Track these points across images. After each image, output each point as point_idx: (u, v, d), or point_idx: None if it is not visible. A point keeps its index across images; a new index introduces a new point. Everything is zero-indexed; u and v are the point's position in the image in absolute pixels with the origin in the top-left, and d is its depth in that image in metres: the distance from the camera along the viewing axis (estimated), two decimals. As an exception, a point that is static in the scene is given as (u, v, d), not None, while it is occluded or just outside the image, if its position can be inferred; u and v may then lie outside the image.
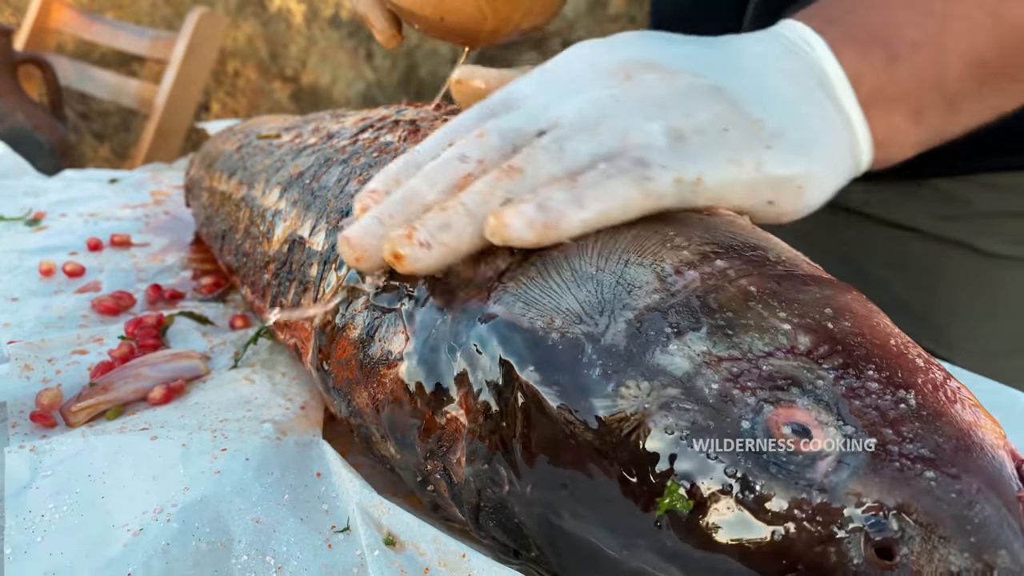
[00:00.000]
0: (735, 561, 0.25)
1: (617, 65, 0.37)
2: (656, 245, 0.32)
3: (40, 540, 0.33)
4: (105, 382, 0.44)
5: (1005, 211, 0.59)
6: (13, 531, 0.34)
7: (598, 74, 0.37)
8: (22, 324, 0.51)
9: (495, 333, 0.31)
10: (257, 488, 0.37)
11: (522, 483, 0.30)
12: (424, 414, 0.33)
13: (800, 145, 0.36)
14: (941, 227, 0.60)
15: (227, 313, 0.56)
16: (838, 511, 0.24)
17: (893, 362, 0.27)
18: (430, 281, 0.35)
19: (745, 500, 0.25)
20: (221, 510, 0.36)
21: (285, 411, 0.43)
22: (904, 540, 0.24)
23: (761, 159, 0.35)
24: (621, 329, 0.29)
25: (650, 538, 0.26)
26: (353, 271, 0.38)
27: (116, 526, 0.34)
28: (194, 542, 0.34)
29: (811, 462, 0.25)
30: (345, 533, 0.36)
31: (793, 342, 0.28)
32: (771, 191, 0.36)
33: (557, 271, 0.32)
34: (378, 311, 0.36)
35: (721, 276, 0.30)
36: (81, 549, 0.33)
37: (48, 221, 0.70)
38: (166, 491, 0.36)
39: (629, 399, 0.27)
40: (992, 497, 0.24)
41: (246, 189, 0.55)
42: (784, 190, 0.36)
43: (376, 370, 0.36)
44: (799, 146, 0.36)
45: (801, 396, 0.26)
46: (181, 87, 1.53)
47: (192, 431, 0.40)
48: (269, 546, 0.35)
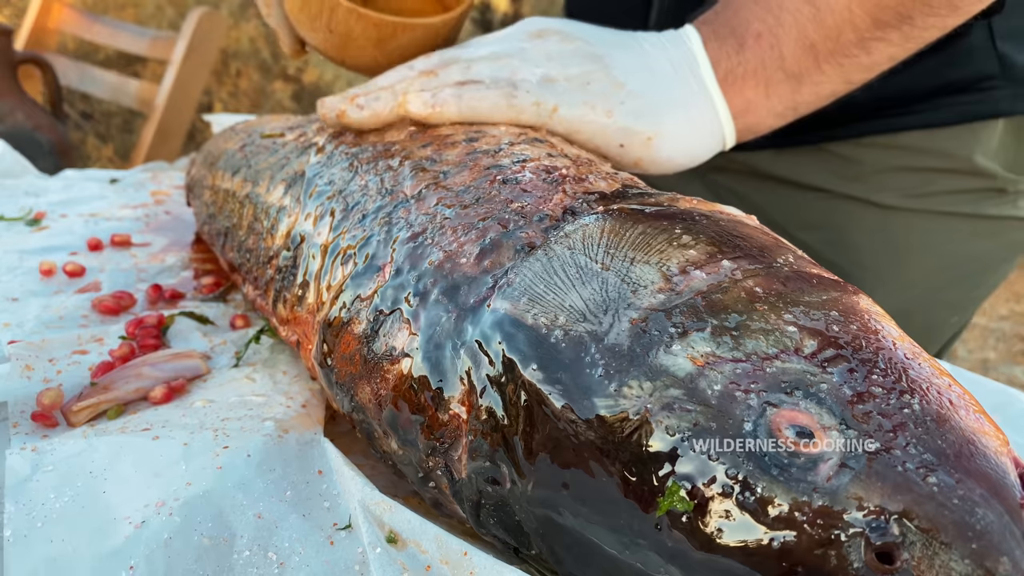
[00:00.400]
0: (735, 562, 0.25)
1: (537, 30, 0.52)
2: (662, 243, 0.32)
3: (40, 526, 0.33)
4: (106, 382, 0.44)
5: (893, 166, 0.66)
6: (13, 516, 0.33)
7: (522, 34, 0.52)
8: (23, 324, 0.51)
9: (498, 330, 0.31)
10: (259, 484, 0.37)
11: (523, 481, 0.30)
12: (427, 410, 0.33)
13: (653, 106, 0.49)
14: (843, 186, 0.68)
15: (228, 313, 0.56)
16: (839, 514, 0.24)
17: (898, 366, 0.27)
18: (435, 274, 0.35)
19: (746, 502, 0.25)
20: (223, 505, 0.36)
21: (287, 409, 0.43)
22: (905, 545, 0.24)
23: (612, 109, 0.48)
24: (625, 328, 0.29)
25: (650, 538, 0.26)
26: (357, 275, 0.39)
27: (117, 518, 0.34)
28: (196, 536, 0.34)
29: (813, 465, 0.25)
30: (347, 530, 0.36)
31: (798, 344, 0.28)
32: (620, 136, 0.49)
33: (562, 267, 0.32)
34: (383, 307, 0.37)
35: (727, 277, 0.30)
36: (82, 538, 0.33)
37: (48, 221, 0.70)
38: (168, 486, 0.36)
39: (631, 399, 0.27)
40: (994, 504, 0.24)
41: (250, 186, 0.56)
42: (633, 138, 0.49)
43: (379, 365, 0.36)
44: (652, 107, 0.49)
45: (804, 399, 0.26)
46: (181, 87, 1.53)
47: (194, 430, 0.40)
48: (271, 542, 0.35)
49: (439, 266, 0.36)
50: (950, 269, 0.69)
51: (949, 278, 0.69)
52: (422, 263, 0.36)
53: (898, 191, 0.66)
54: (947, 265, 0.69)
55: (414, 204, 0.40)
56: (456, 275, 0.35)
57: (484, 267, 0.34)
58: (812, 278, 0.31)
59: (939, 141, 0.65)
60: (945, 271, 0.69)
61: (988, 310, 2.28)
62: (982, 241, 0.68)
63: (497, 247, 0.35)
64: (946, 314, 0.71)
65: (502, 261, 0.34)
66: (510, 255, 0.34)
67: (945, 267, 0.68)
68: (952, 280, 0.69)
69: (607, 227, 0.33)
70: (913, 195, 0.66)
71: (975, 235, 0.67)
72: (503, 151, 0.43)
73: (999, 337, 2.15)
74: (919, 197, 0.66)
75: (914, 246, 0.68)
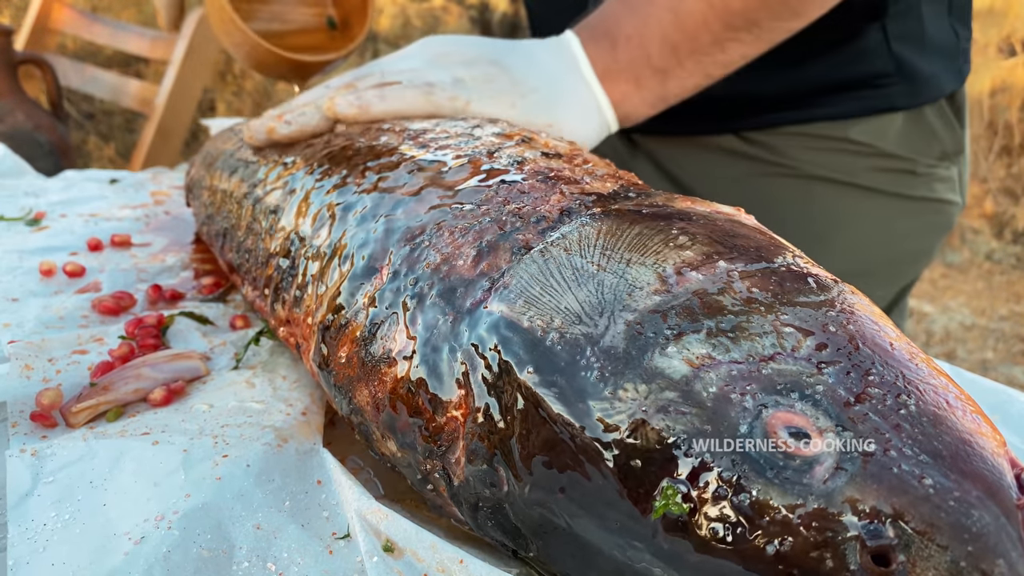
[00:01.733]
0: (731, 565, 0.25)
1: (439, 43, 0.60)
2: (659, 244, 0.32)
3: (43, 551, 0.33)
4: (105, 382, 0.44)
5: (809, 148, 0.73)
6: (16, 541, 0.33)
7: (426, 51, 0.59)
8: (22, 324, 0.51)
9: (495, 333, 0.31)
10: (258, 495, 0.37)
11: (520, 484, 0.30)
12: (424, 413, 0.33)
13: (548, 99, 0.57)
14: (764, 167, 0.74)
15: (227, 313, 0.56)
16: (835, 517, 0.24)
17: (894, 367, 0.27)
18: (432, 275, 0.35)
19: (741, 504, 0.25)
20: (222, 517, 0.36)
21: (286, 417, 0.43)
22: (901, 547, 0.24)
23: (515, 102, 0.56)
24: (620, 331, 0.29)
25: (646, 541, 0.26)
26: (354, 274, 0.39)
27: (117, 534, 0.34)
28: (195, 549, 0.34)
29: (808, 467, 0.25)
30: (346, 540, 0.36)
31: (794, 346, 0.28)
32: (524, 126, 0.53)
33: (559, 269, 0.32)
34: (380, 310, 0.37)
35: (723, 277, 0.30)
36: (83, 559, 0.33)
37: (48, 221, 0.70)
38: (167, 498, 0.36)
39: (627, 402, 0.27)
40: (991, 505, 0.24)
41: (248, 187, 0.56)
42: (536, 125, 0.55)
43: (377, 368, 0.36)
44: (548, 100, 0.57)
45: (800, 400, 0.26)
46: (181, 87, 1.53)
47: (193, 436, 0.40)
48: (270, 552, 0.35)
49: (436, 268, 0.36)
50: (875, 247, 0.74)
51: (874, 256, 0.75)
52: (419, 265, 0.36)
53: (820, 166, 0.73)
54: (872, 243, 0.74)
55: (411, 205, 0.40)
56: (453, 277, 0.35)
57: (481, 269, 0.34)
58: (809, 278, 0.31)
59: (846, 130, 0.72)
60: (870, 248, 0.74)
61: (988, 310, 2.28)
62: (904, 220, 0.74)
63: (494, 249, 0.35)
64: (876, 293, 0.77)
65: (499, 263, 0.34)
66: (507, 257, 0.34)
67: (870, 244, 0.74)
68: (877, 258, 0.75)
69: (603, 228, 0.33)
70: (834, 170, 0.72)
71: (899, 214, 0.74)
72: (500, 152, 0.43)
73: (999, 337, 2.15)
74: (841, 173, 0.72)
75: (838, 220, 0.73)
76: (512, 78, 0.56)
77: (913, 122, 0.72)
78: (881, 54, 0.69)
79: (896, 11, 0.68)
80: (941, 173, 0.74)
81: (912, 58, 0.70)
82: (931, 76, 0.71)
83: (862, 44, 0.69)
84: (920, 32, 0.70)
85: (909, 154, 0.72)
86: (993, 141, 2.77)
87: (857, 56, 0.69)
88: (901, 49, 0.69)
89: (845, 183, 0.72)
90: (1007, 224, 2.70)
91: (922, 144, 0.72)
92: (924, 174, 0.73)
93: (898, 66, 0.69)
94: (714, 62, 0.59)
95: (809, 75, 0.69)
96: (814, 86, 0.70)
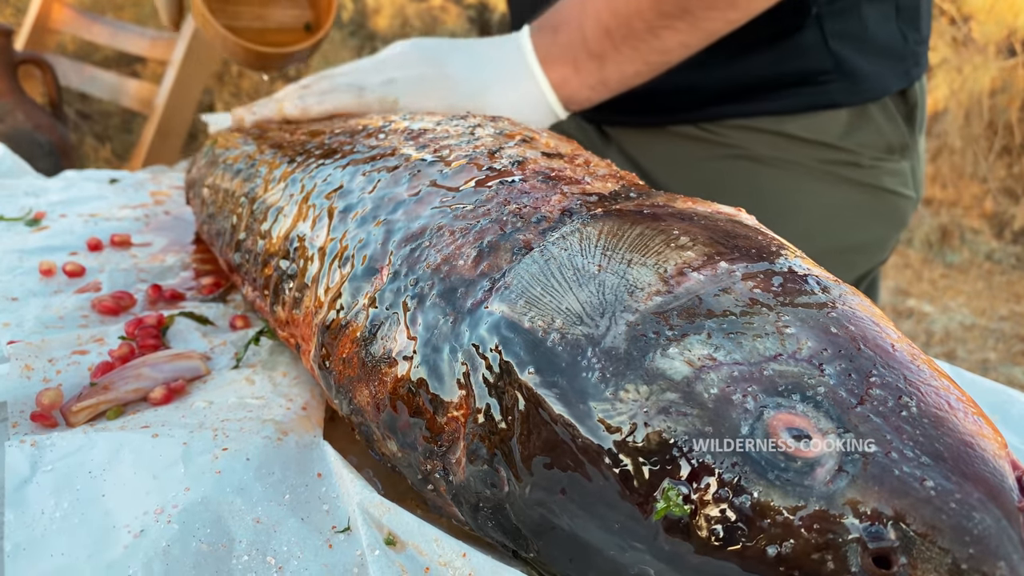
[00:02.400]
0: (732, 566, 0.25)
1: (399, 47, 0.66)
2: (660, 245, 0.32)
3: (41, 539, 0.33)
4: (105, 382, 0.44)
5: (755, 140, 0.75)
6: (13, 527, 0.33)
7: (387, 54, 0.66)
8: (22, 324, 0.51)
9: (496, 333, 0.31)
10: (258, 488, 0.37)
11: (521, 484, 0.30)
12: (425, 413, 0.33)
13: (479, 86, 0.63)
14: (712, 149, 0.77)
15: (227, 313, 0.56)
16: (836, 518, 0.24)
17: (896, 369, 0.27)
18: (434, 275, 0.35)
19: (742, 506, 0.25)
20: (222, 511, 0.36)
21: (286, 411, 0.43)
22: (902, 549, 0.24)
23: (445, 95, 0.62)
24: (622, 331, 0.29)
25: (647, 542, 0.26)
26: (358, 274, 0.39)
27: (117, 527, 0.34)
28: (195, 543, 0.34)
29: (810, 468, 0.25)
30: (346, 533, 0.36)
31: (795, 346, 0.27)
32: (463, 109, 0.60)
33: (560, 270, 0.32)
34: (381, 310, 0.37)
35: (725, 278, 0.30)
36: (82, 549, 0.33)
37: (48, 221, 0.70)
38: (167, 491, 0.36)
39: (628, 403, 0.27)
40: (992, 508, 0.24)
41: (248, 186, 0.56)
42: (475, 109, 0.61)
43: (378, 368, 0.36)
44: (479, 86, 0.63)
45: (801, 401, 0.26)
46: (181, 87, 1.53)
47: (193, 430, 0.40)
48: (270, 546, 0.35)
49: (436, 268, 0.36)
50: (822, 234, 0.76)
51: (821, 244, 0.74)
52: (420, 265, 0.36)
53: (766, 153, 0.75)
54: (819, 230, 0.76)
55: (412, 206, 0.40)
56: (453, 277, 0.35)
57: (481, 270, 0.34)
58: (811, 279, 0.31)
59: (788, 125, 0.74)
60: (817, 235, 0.75)
61: (988, 310, 2.28)
62: (851, 210, 0.76)
63: (494, 249, 0.35)
64: None
65: (499, 264, 0.34)
66: (507, 257, 0.34)
67: (817, 231, 0.76)
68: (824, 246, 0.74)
69: (604, 229, 0.33)
70: (780, 158, 0.75)
71: (845, 203, 0.76)
72: (500, 152, 0.43)
73: (999, 337, 2.15)
74: (786, 160, 0.75)
75: (785, 205, 0.75)
76: (445, 73, 0.63)
77: (857, 117, 0.74)
78: (819, 51, 0.71)
79: (832, 10, 0.70)
80: (890, 166, 0.75)
81: (852, 57, 0.72)
82: (873, 75, 0.73)
83: (800, 41, 0.71)
84: (861, 32, 0.72)
85: (853, 147, 0.74)
86: (993, 141, 2.77)
87: (795, 52, 0.71)
88: (840, 47, 0.71)
89: (790, 169, 0.75)
90: (1007, 224, 2.70)
91: (865, 138, 0.74)
92: (870, 166, 0.75)
93: (837, 63, 0.71)
94: (651, 49, 0.61)
95: (749, 70, 0.72)
96: (754, 81, 0.73)
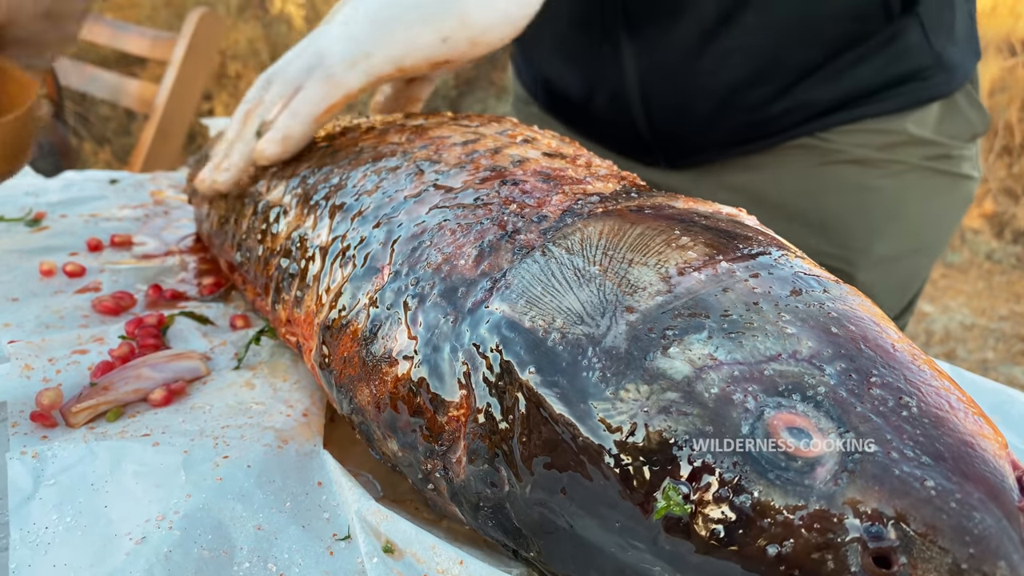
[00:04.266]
0: (732, 566, 0.25)
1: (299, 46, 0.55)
2: (660, 245, 0.32)
3: (45, 553, 0.33)
4: (105, 382, 0.44)
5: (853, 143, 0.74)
6: (18, 545, 0.34)
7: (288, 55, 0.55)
8: (22, 324, 0.51)
9: (496, 333, 0.31)
10: (259, 495, 0.37)
11: (521, 484, 0.30)
12: (425, 413, 0.33)
13: None
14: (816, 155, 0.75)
15: (228, 313, 0.56)
16: (836, 518, 0.24)
17: (896, 369, 0.27)
18: (435, 276, 0.35)
19: (743, 505, 0.25)
20: (223, 517, 0.36)
21: (287, 418, 0.43)
22: (902, 549, 0.24)
23: None
24: (622, 331, 0.29)
25: (648, 541, 0.26)
26: (355, 274, 0.39)
27: (119, 535, 0.34)
28: (196, 549, 0.34)
29: (810, 468, 0.25)
30: (346, 541, 0.36)
31: (796, 346, 0.28)
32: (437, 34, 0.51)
33: (560, 269, 0.32)
34: (381, 309, 0.37)
35: (725, 278, 0.30)
36: (84, 560, 0.33)
37: (48, 221, 0.70)
38: (168, 498, 0.36)
39: (629, 402, 0.27)
40: (992, 508, 0.24)
41: (250, 185, 0.56)
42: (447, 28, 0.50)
43: (378, 368, 0.36)
44: None
45: (802, 401, 0.26)
46: (181, 88, 1.53)
47: (194, 437, 0.40)
48: (271, 553, 0.35)
49: (437, 268, 0.36)
50: (925, 227, 0.78)
51: (924, 235, 0.78)
52: (420, 265, 0.36)
53: (869, 155, 0.74)
54: (922, 223, 0.77)
55: (413, 205, 0.40)
56: (454, 277, 0.35)
57: (482, 269, 0.34)
58: (811, 279, 0.31)
59: (891, 124, 0.73)
60: (921, 228, 0.78)
61: (988, 310, 2.28)
62: (941, 198, 0.77)
63: (495, 249, 0.35)
64: (924, 264, 0.81)
65: (500, 263, 0.34)
66: (508, 257, 0.34)
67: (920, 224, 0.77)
68: (927, 237, 0.79)
69: (605, 228, 0.33)
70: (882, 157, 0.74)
71: (936, 193, 0.77)
72: (501, 152, 0.43)
73: (999, 337, 2.15)
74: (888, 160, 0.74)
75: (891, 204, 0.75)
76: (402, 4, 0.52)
77: (947, 108, 0.74)
78: (922, 48, 0.71)
79: (929, 6, 0.69)
80: (968, 153, 0.77)
81: (947, 48, 0.72)
82: (960, 62, 0.73)
83: (906, 41, 0.70)
84: (951, 21, 0.72)
85: (945, 139, 0.74)
86: (993, 141, 2.77)
87: (902, 53, 0.70)
88: (936, 40, 0.71)
89: (895, 168, 0.74)
90: (1007, 224, 2.70)
91: (954, 128, 0.75)
92: (957, 156, 0.76)
93: (936, 57, 0.71)
94: None
95: (861, 78, 0.71)
96: (864, 87, 0.72)
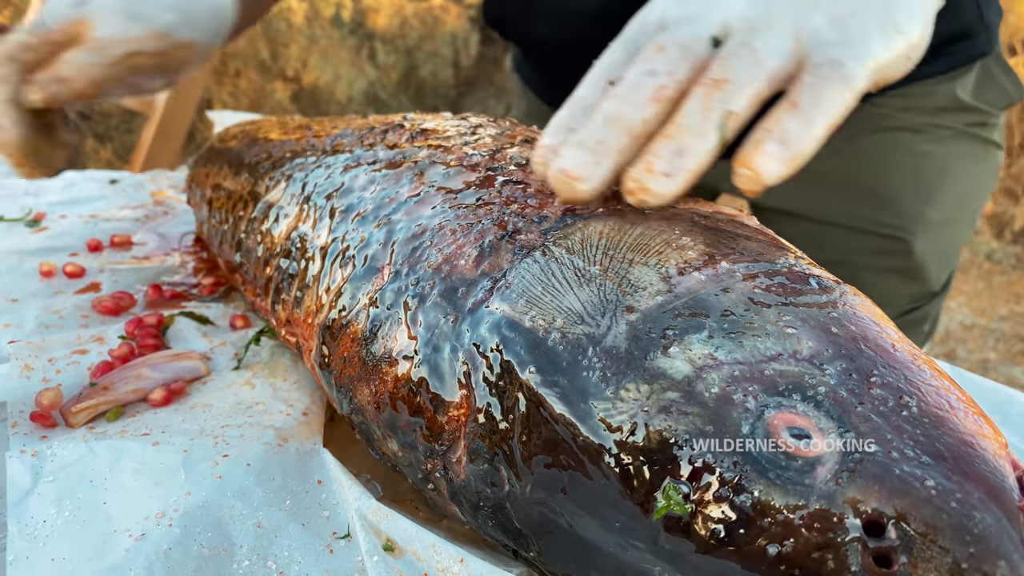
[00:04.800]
0: (732, 565, 0.25)
1: None
2: (661, 245, 0.32)
3: (42, 546, 0.33)
4: (105, 382, 0.44)
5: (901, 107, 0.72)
6: (15, 537, 0.34)
7: None
8: (22, 324, 0.51)
9: (497, 332, 0.31)
10: (259, 493, 0.37)
11: (521, 484, 0.30)
12: (425, 413, 0.33)
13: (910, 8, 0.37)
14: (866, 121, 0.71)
15: (227, 313, 0.56)
16: (836, 518, 0.24)
17: (897, 369, 0.27)
18: (435, 276, 0.35)
19: (743, 505, 0.25)
20: (223, 515, 0.36)
21: (287, 417, 0.43)
22: (902, 549, 0.24)
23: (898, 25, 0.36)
24: (622, 331, 0.29)
25: (648, 541, 0.26)
26: (356, 275, 0.39)
27: (118, 531, 0.34)
28: (196, 547, 0.34)
29: (810, 468, 0.25)
30: (346, 539, 0.36)
31: (796, 346, 0.28)
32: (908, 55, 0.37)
33: (560, 269, 0.32)
34: (381, 309, 0.37)
35: (725, 278, 0.30)
36: (83, 555, 0.33)
37: (48, 222, 0.70)
38: (168, 496, 0.36)
39: (629, 402, 0.27)
40: (992, 507, 0.24)
41: (250, 186, 0.56)
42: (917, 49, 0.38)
43: (378, 368, 0.36)
44: None
45: (802, 401, 0.26)
46: (181, 87, 1.53)
47: (194, 437, 0.40)
48: (271, 551, 0.35)
49: (437, 268, 0.36)
50: (967, 195, 0.75)
51: (967, 203, 0.76)
52: (421, 265, 0.36)
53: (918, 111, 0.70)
54: (966, 191, 0.74)
55: (413, 206, 0.40)
56: (454, 277, 0.35)
57: (483, 269, 0.34)
58: (811, 279, 0.31)
59: (937, 87, 0.70)
60: (965, 197, 0.75)
61: (988, 310, 2.28)
62: (981, 166, 0.75)
63: (495, 249, 0.35)
64: (963, 236, 0.78)
65: (501, 263, 0.34)
66: (509, 257, 0.34)
67: (964, 193, 0.74)
68: (968, 205, 0.76)
69: (605, 228, 0.33)
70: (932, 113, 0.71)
71: (977, 161, 0.74)
72: (501, 153, 0.43)
73: (999, 337, 2.15)
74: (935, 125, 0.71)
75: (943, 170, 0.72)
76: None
77: (982, 75, 0.72)
78: (970, 6, 0.68)
79: None
80: (1000, 122, 0.76)
81: (986, 6, 0.70)
82: (994, 21, 0.71)
83: None
84: None
85: (984, 106, 0.73)
86: (993, 141, 2.77)
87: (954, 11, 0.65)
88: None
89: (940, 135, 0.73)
90: (1007, 224, 2.70)
91: (992, 96, 0.73)
92: (993, 124, 0.75)
93: (980, 15, 0.69)
94: None
95: None
96: None
